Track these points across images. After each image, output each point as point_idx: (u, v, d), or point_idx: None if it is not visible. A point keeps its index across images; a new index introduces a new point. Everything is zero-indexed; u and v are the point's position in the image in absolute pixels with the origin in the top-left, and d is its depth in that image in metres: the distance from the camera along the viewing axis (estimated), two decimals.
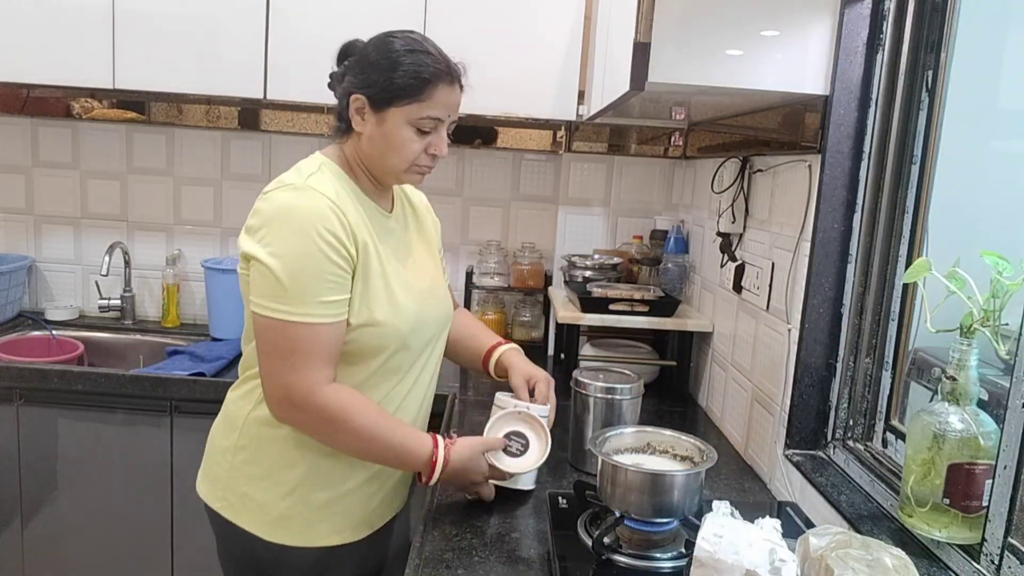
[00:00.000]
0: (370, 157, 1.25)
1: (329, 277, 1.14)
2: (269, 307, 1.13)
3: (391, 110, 1.20)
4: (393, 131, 1.21)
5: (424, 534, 1.22)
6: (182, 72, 2.12)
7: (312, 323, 1.13)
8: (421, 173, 1.27)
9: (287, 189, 1.16)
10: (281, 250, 1.12)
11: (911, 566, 0.85)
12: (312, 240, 1.12)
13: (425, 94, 1.19)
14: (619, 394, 1.47)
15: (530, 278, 2.41)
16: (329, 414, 1.15)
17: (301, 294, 1.12)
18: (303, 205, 1.14)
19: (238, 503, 1.27)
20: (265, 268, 1.12)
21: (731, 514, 1.02)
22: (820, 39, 1.31)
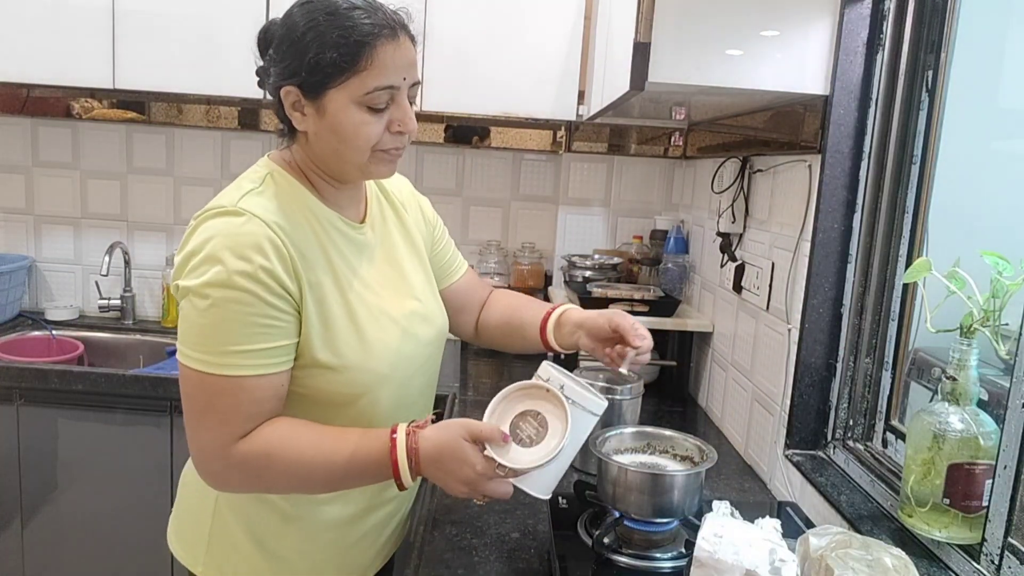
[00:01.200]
0: (322, 156, 1.03)
1: (258, 321, 0.94)
2: (188, 355, 0.96)
3: (328, 93, 0.97)
4: (339, 118, 0.97)
5: (424, 534, 1.22)
6: (182, 72, 2.12)
7: (236, 376, 0.94)
8: (390, 160, 1.04)
9: (218, 215, 0.96)
10: (203, 288, 0.93)
11: (911, 566, 0.85)
12: (241, 277, 0.93)
13: (363, 61, 0.95)
14: (619, 394, 1.47)
15: (530, 278, 2.41)
16: (253, 467, 0.97)
17: (221, 341, 0.94)
18: (233, 234, 0.94)
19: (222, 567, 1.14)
20: (187, 308, 0.96)
21: (731, 514, 1.02)
22: (820, 39, 1.31)
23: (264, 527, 1.11)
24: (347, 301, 1.04)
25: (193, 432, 0.99)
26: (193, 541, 1.17)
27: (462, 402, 1.89)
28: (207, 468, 1.00)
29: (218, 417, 0.96)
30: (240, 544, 1.12)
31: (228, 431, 0.96)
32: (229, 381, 0.95)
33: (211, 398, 0.96)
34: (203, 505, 1.14)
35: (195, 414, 0.98)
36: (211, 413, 0.96)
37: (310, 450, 0.98)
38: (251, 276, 0.93)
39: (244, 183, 1.02)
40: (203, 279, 0.93)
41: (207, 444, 0.98)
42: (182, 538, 1.20)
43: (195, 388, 0.97)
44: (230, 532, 1.12)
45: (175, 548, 1.21)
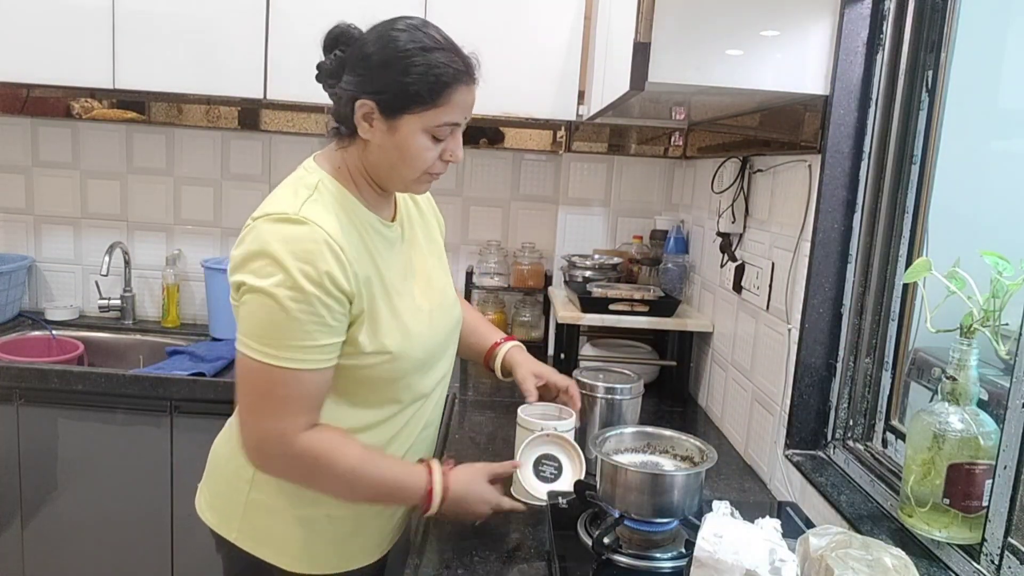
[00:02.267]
0: (378, 166, 1.14)
1: (319, 321, 1.04)
2: (251, 346, 1.04)
3: (405, 117, 1.09)
4: (407, 140, 1.10)
5: (424, 534, 1.22)
6: (182, 72, 2.12)
7: (295, 369, 1.04)
8: (431, 181, 1.19)
9: (281, 221, 1.05)
10: (272, 289, 1.02)
11: (911, 566, 0.85)
12: (305, 281, 1.02)
13: (443, 99, 1.09)
14: (619, 394, 1.47)
15: (530, 278, 2.41)
16: (307, 462, 1.08)
17: (287, 337, 1.03)
18: (299, 240, 1.04)
19: (256, 534, 1.21)
20: (253, 305, 1.04)
21: (731, 514, 1.02)
22: (820, 39, 1.31)
23: (301, 493, 1.17)
24: (389, 297, 1.15)
25: (252, 418, 1.07)
26: (228, 510, 1.23)
27: (462, 402, 1.89)
28: (265, 452, 1.09)
29: (280, 406, 1.06)
30: (276, 510, 1.20)
31: (291, 421, 1.06)
32: (290, 374, 1.04)
33: (272, 387, 1.05)
34: (240, 475, 1.21)
35: (255, 401, 1.07)
36: (272, 401, 1.06)
37: (356, 466, 1.11)
38: (316, 281, 1.03)
39: (300, 190, 1.10)
40: (271, 281, 1.02)
41: (270, 431, 1.06)
42: (215, 507, 1.26)
43: (257, 378, 1.05)
44: (267, 500, 1.20)
45: (207, 517, 1.27)
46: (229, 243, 2.59)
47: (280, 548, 1.21)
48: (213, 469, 1.29)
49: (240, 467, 1.19)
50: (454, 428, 1.70)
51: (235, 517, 1.22)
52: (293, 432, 1.06)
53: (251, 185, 2.55)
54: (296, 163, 1.21)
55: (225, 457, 1.25)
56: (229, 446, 1.24)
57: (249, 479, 1.20)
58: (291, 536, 1.20)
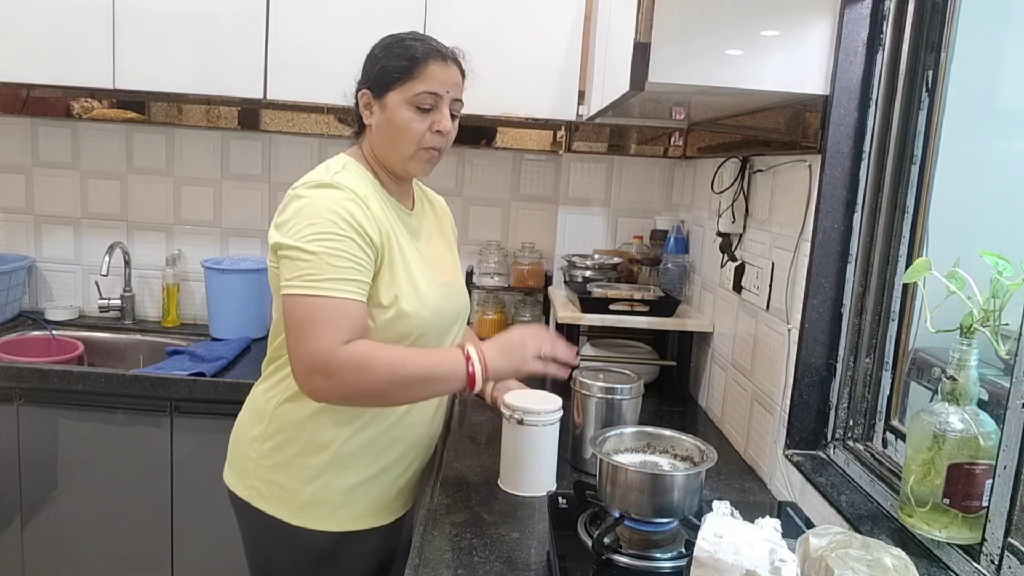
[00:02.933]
0: (381, 146, 1.32)
1: (352, 258, 1.19)
2: (294, 285, 1.18)
3: (390, 94, 1.27)
4: (394, 113, 1.27)
5: (424, 534, 1.22)
6: (182, 72, 2.12)
7: (333, 296, 1.17)
8: (429, 160, 1.32)
9: (315, 186, 1.23)
10: (309, 235, 1.18)
11: (911, 566, 0.85)
12: (338, 225, 1.19)
13: (417, 71, 1.26)
14: (619, 394, 1.47)
15: (530, 278, 2.41)
16: (355, 363, 1.17)
17: (325, 270, 1.17)
18: (329, 197, 1.21)
19: (266, 490, 1.32)
20: (294, 252, 1.18)
21: (731, 514, 1.02)
22: (820, 39, 1.31)
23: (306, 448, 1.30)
24: (406, 259, 1.30)
25: (299, 346, 1.17)
26: (242, 470, 1.36)
27: (462, 402, 1.89)
28: (316, 373, 1.17)
29: (324, 328, 1.16)
30: (282, 468, 1.31)
31: (333, 338, 1.16)
32: (330, 301, 1.17)
33: (315, 314, 1.17)
34: (252, 435, 1.34)
35: (301, 330, 1.17)
36: (315, 325, 1.16)
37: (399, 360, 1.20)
38: (351, 225, 1.20)
39: (332, 166, 1.29)
40: (314, 228, 1.18)
41: (316, 349, 1.16)
42: (233, 469, 1.39)
43: (301, 310, 1.17)
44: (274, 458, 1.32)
45: (228, 479, 1.40)
46: (229, 243, 2.59)
47: (288, 504, 1.31)
48: (234, 435, 1.41)
49: (251, 427, 1.34)
50: (454, 428, 1.70)
51: (248, 475, 1.34)
52: (336, 345, 1.16)
53: (251, 185, 2.55)
54: (296, 163, 1.32)
55: (242, 420, 1.39)
56: (245, 411, 1.40)
57: (260, 435, 1.32)
58: (297, 492, 1.30)
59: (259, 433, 1.33)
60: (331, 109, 2.39)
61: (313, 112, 2.42)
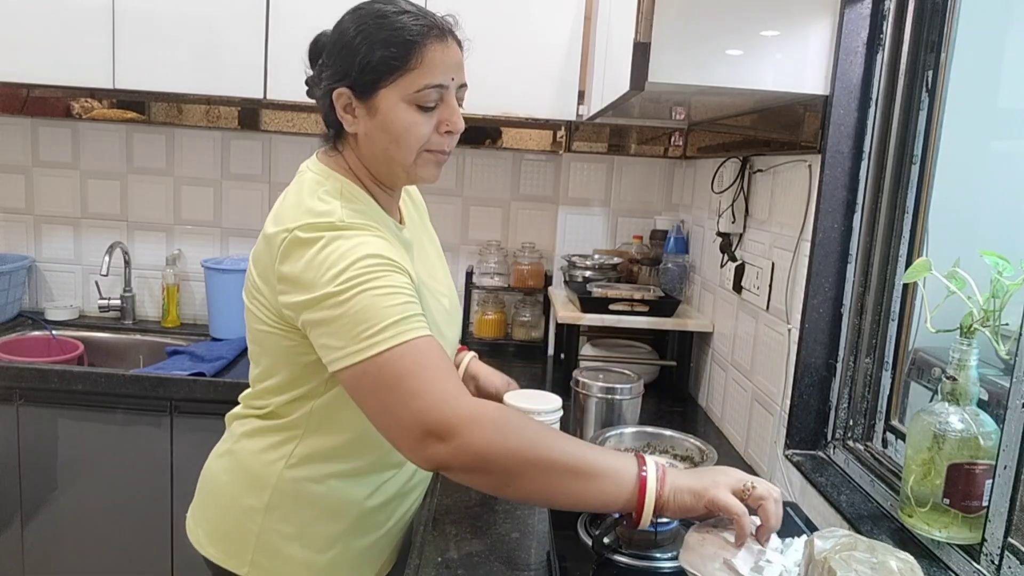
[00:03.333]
0: (373, 158, 1.06)
1: (396, 289, 0.94)
2: (349, 352, 0.92)
3: (380, 93, 1.00)
4: (389, 116, 1.00)
5: (424, 534, 1.22)
6: (182, 72, 2.12)
7: (405, 341, 0.91)
8: (436, 162, 1.07)
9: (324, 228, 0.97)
10: (342, 284, 0.93)
11: (917, 570, 0.83)
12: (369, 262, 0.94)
13: (414, 59, 0.99)
14: (619, 394, 1.47)
15: (530, 278, 2.41)
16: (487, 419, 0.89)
17: (385, 315, 0.92)
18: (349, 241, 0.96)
19: (272, 565, 1.13)
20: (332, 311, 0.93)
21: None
22: (820, 39, 1.31)
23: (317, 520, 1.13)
24: (422, 295, 1.06)
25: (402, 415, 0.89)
26: (237, 543, 1.14)
27: None
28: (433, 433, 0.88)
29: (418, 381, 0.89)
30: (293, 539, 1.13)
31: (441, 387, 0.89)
32: (412, 345, 0.91)
33: (399, 372, 0.90)
34: (250, 505, 1.13)
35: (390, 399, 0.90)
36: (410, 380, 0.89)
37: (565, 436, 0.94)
38: (376, 258, 0.94)
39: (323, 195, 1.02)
40: (341, 278, 0.92)
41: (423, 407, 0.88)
42: (218, 541, 1.17)
43: (378, 378, 0.90)
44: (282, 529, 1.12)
45: (209, 552, 1.17)
46: (229, 243, 2.59)
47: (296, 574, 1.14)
48: (213, 500, 1.18)
49: (251, 497, 1.12)
50: None
51: (247, 550, 1.13)
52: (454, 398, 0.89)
53: (251, 185, 2.55)
54: (296, 163, 1.16)
55: (230, 487, 1.16)
56: (232, 475, 1.15)
57: (263, 508, 1.11)
58: (312, 563, 1.14)
59: (259, 505, 1.12)
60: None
61: (313, 112, 2.42)
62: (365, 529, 1.18)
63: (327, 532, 1.14)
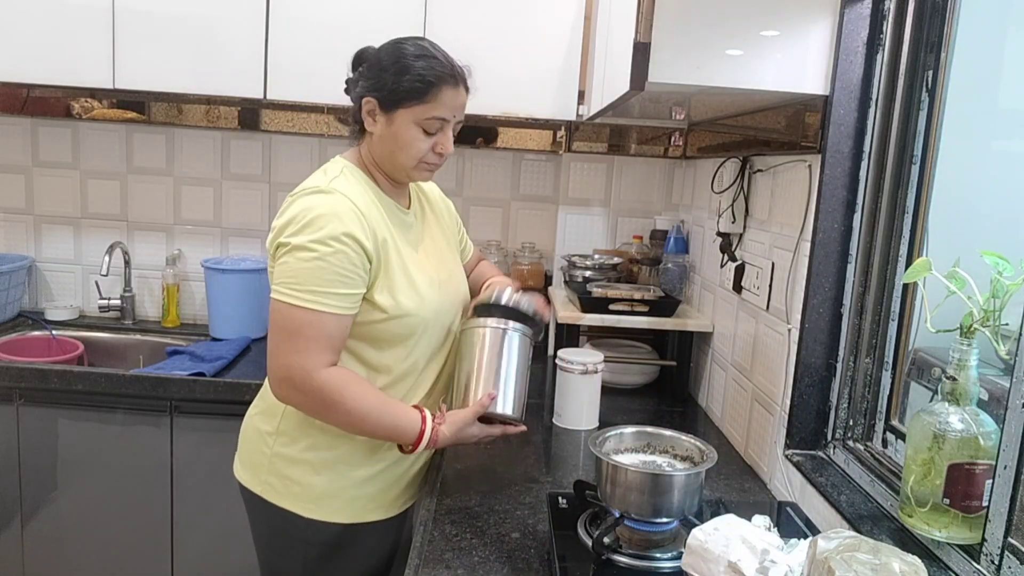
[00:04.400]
0: (381, 155, 1.34)
1: (342, 272, 1.22)
2: (282, 292, 1.22)
3: (399, 111, 1.29)
4: (401, 131, 1.29)
5: (424, 534, 1.22)
6: (182, 72, 2.12)
7: (318, 310, 1.21)
8: (429, 170, 1.36)
9: (314, 193, 1.26)
10: (303, 244, 1.21)
11: (923, 573, 0.83)
12: (332, 237, 1.21)
13: (430, 96, 1.28)
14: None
15: (530, 278, 2.41)
16: (324, 395, 1.23)
17: (313, 283, 1.20)
18: (327, 205, 1.23)
19: (280, 485, 1.35)
20: (288, 258, 1.22)
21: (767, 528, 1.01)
22: (820, 39, 1.31)
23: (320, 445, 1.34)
24: (403, 261, 1.32)
25: (281, 354, 1.23)
26: (255, 465, 1.39)
27: None
28: (288, 385, 1.24)
29: (305, 344, 1.21)
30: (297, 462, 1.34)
31: (315, 357, 1.22)
32: (313, 314, 1.21)
33: (298, 327, 1.21)
34: (265, 431, 1.37)
35: (284, 339, 1.23)
36: (299, 339, 1.21)
37: (364, 406, 1.25)
38: (342, 239, 1.22)
39: (329, 171, 1.31)
40: (309, 237, 1.21)
41: (297, 364, 1.22)
42: (245, 464, 1.42)
43: (285, 318, 1.22)
44: (288, 452, 1.35)
45: (240, 475, 1.43)
46: (229, 243, 2.59)
47: (301, 497, 1.34)
48: (244, 432, 1.45)
49: (265, 423, 1.38)
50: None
51: (261, 471, 1.37)
52: (314, 368, 1.21)
53: (251, 185, 2.55)
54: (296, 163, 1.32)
55: (254, 418, 1.42)
56: (257, 408, 1.43)
57: (273, 431, 1.36)
58: (311, 485, 1.34)
59: (272, 429, 1.36)
60: (331, 109, 2.39)
61: (313, 112, 2.42)
62: (357, 461, 1.35)
63: (325, 457, 1.34)
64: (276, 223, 1.28)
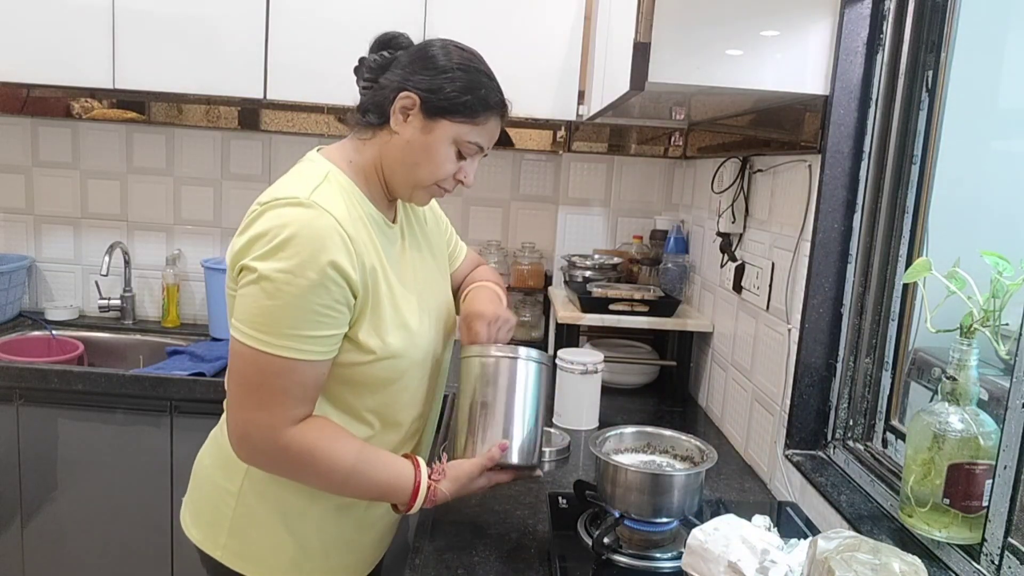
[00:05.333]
0: (396, 162, 1.12)
1: (321, 311, 1.01)
2: (246, 332, 1.00)
3: (443, 121, 1.10)
4: (437, 144, 1.11)
5: (424, 534, 1.22)
6: (182, 72, 2.12)
7: (290, 358, 1.00)
8: (437, 195, 1.19)
9: (290, 204, 1.01)
10: (273, 273, 0.98)
11: (922, 573, 0.83)
12: (311, 268, 0.99)
13: (482, 119, 1.13)
14: None
15: (530, 278, 2.41)
16: (291, 456, 1.04)
17: (285, 324, 0.99)
18: (306, 224, 1.00)
19: (243, 551, 1.16)
20: (253, 289, 1.00)
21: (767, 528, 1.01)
22: (820, 39, 1.31)
23: (289, 508, 1.15)
24: (392, 292, 1.12)
25: (241, 408, 1.03)
26: (214, 525, 1.18)
27: None
28: (251, 444, 1.04)
29: (271, 397, 1.01)
30: (264, 526, 1.15)
31: (281, 413, 1.02)
32: (284, 363, 1.00)
33: (265, 378, 1.01)
34: (227, 489, 1.16)
35: (246, 391, 1.02)
36: (263, 392, 1.01)
37: (345, 468, 1.05)
38: (321, 269, 0.99)
39: (310, 178, 1.07)
40: (282, 264, 0.98)
41: (260, 421, 1.02)
42: (200, 523, 1.21)
43: (250, 366, 1.01)
44: (253, 515, 1.15)
45: (192, 533, 1.22)
46: (229, 243, 2.58)
47: (267, 564, 1.16)
48: (197, 483, 1.24)
49: (226, 480, 1.16)
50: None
51: (221, 533, 1.17)
52: (281, 424, 1.02)
53: (251, 185, 2.55)
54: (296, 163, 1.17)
55: (210, 469, 1.21)
56: (213, 458, 1.20)
57: (236, 492, 1.15)
58: (279, 551, 1.15)
59: (234, 488, 1.15)
60: (331, 109, 2.39)
61: (313, 112, 2.42)
62: (336, 519, 1.17)
63: (298, 522, 1.15)
64: (239, 237, 1.04)
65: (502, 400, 1.14)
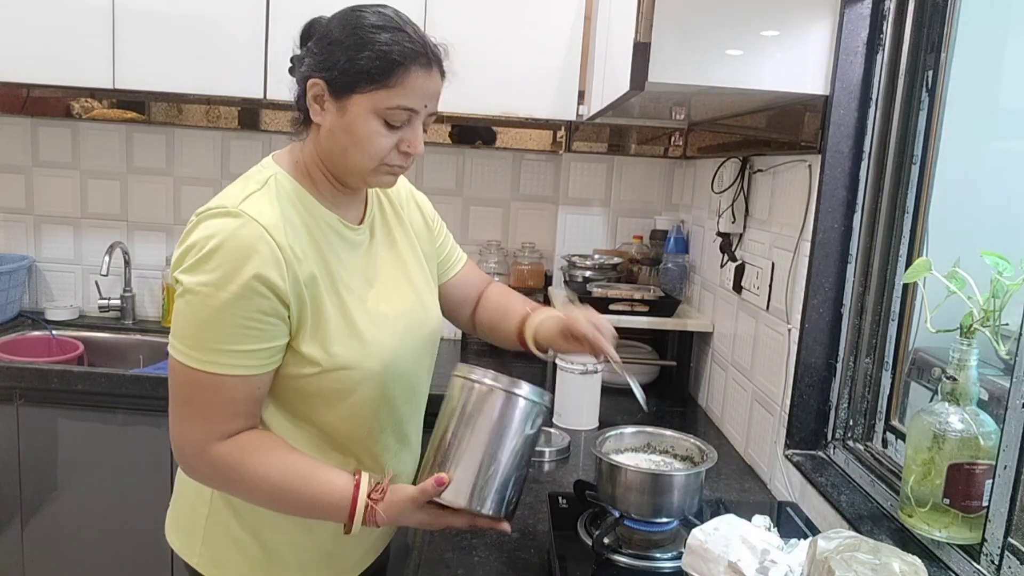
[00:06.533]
0: (330, 154, 1.05)
1: (247, 324, 0.96)
2: (176, 347, 0.99)
3: (354, 97, 1.00)
4: (356, 122, 1.01)
5: (424, 534, 1.22)
6: (182, 72, 2.12)
7: (216, 373, 0.97)
8: (392, 173, 1.07)
9: (219, 215, 0.98)
10: (195, 286, 0.96)
11: (923, 573, 0.83)
12: (234, 280, 0.95)
13: (395, 79, 0.99)
14: None
15: (530, 278, 2.41)
16: (218, 472, 1.01)
17: (208, 339, 0.96)
18: (232, 235, 0.96)
19: (218, 561, 1.15)
20: (180, 303, 0.98)
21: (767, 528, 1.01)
22: (820, 39, 1.31)
23: (259, 518, 1.11)
24: (341, 300, 1.06)
25: (174, 422, 1.02)
26: (190, 532, 1.18)
27: None
28: (185, 458, 1.03)
29: (198, 412, 1.00)
30: (236, 535, 1.13)
31: (207, 428, 1.00)
32: (211, 378, 0.98)
33: (193, 392, 0.99)
34: (199, 497, 1.15)
35: (178, 405, 1.01)
36: (192, 407, 1.00)
37: (277, 477, 1.01)
38: (243, 281, 0.95)
39: (249, 184, 1.04)
40: (199, 278, 0.96)
41: (188, 436, 1.01)
42: (179, 530, 1.21)
43: (179, 381, 1.00)
44: (226, 523, 1.13)
45: (172, 540, 1.22)
46: None
47: (241, 570, 1.14)
48: (178, 490, 1.22)
49: (200, 488, 1.13)
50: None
51: (196, 541, 1.16)
52: (208, 439, 0.99)
53: None
54: None
55: (187, 478, 1.15)
56: None
57: (208, 500, 1.13)
58: (253, 562, 1.13)
59: (206, 496, 1.14)
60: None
61: None
62: (309, 531, 1.13)
63: (266, 537, 1.12)
64: (176, 248, 1.01)
65: (465, 432, 1.01)
